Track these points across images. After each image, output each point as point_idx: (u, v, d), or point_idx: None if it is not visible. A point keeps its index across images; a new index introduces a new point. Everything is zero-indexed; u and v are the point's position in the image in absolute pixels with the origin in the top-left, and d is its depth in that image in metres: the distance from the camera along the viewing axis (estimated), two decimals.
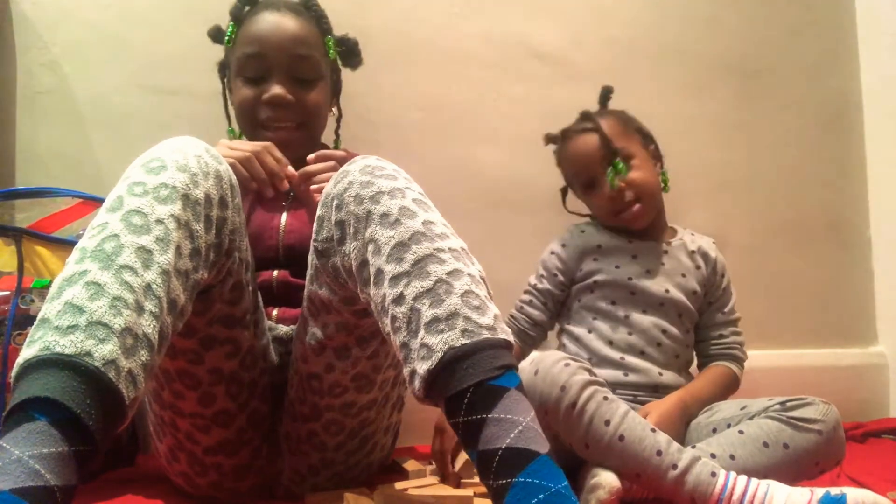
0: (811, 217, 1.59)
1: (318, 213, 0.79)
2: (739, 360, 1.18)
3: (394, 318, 0.66)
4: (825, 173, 1.61)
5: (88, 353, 0.54)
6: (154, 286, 0.62)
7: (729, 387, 1.14)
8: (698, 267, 1.19)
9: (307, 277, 0.85)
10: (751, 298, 1.55)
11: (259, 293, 0.90)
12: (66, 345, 0.54)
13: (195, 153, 0.73)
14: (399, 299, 0.65)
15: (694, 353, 1.20)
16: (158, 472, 1.00)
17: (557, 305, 1.22)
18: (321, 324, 0.83)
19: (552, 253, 1.21)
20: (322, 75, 1.14)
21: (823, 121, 1.61)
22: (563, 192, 1.30)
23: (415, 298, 0.64)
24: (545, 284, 1.21)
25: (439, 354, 0.61)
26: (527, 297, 1.22)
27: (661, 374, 1.11)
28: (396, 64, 1.46)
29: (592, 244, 1.19)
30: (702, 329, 1.19)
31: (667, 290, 1.15)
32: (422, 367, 0.62)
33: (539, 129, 1.39)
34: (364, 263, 0.71)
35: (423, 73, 1.47)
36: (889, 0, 1.60)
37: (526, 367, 0.94)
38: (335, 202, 0.75)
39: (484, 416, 0.59)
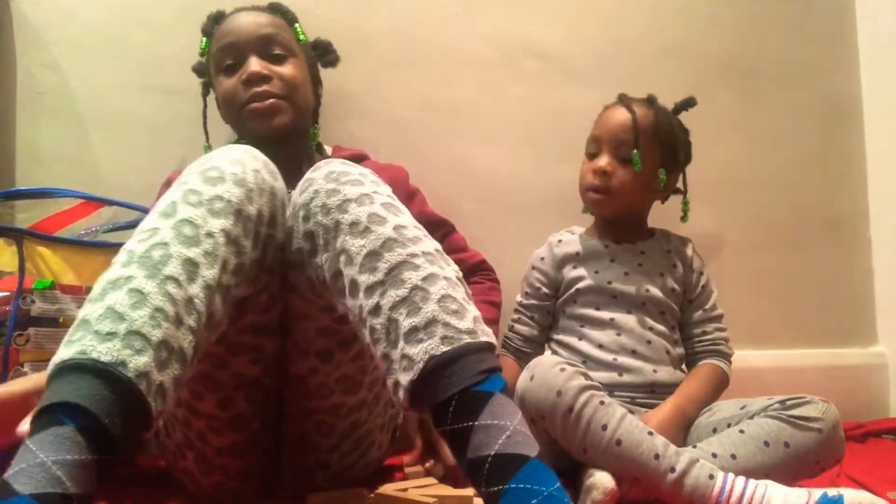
0: (811, 217, 1.59)
1: (287, 224, 0.78)
2: (726, 356, 1.18)
3: (372, 330, 0.65)
4: (825, 173, 1.61)
5: (123, 364, 0.55)
6: (196, 300, 0.62)
7: (720, 385, 1.14)
8: (674, 266, 1.21)
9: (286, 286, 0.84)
10: (751, 298, 1.55)
11: None
12: (104, 352, 0.55)
13: (253, 167, 0.73)
14: (376, 310, 0.65)
15: (682, 350, 1.20)
16: (158, 471, 1.00)
17: (546, 317, 1.23)
18: (302, 329, 0.83)
19: (533, 268, 1.24)
20: (294, 52, 1.17)
21: (823, 121, 1.61)
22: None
23: (391, 308, 0.63)
24: (531, 300, 1.23)
25: (420, 365, 0.60)
26: (515, 316, 1.24)
27: (655, 371, 1.11)
28: (396, 64, 1.46)
29: (571, 252, 1.21)
30: (685, 327, 1.20)
31: (647, 290, 1.16)
32: (404, 379, 0.61)
33: (539, 129, 1.39)
34: (338, 274, 0.70)
35: (423, 73, 1.47)
36: (889, 0, 1.60)
37: (522, 373, 0.95)
38: (301, 213, 0.74)
39: (470, 423, 0.58)
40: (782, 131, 1.59)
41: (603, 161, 1.17)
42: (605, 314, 1.15)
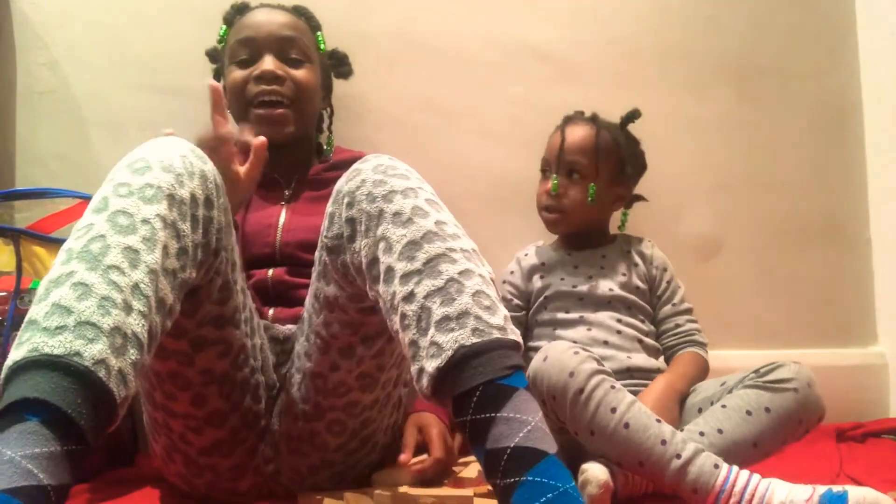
0: (811, 217, 1.59)
1: (329, 209, 0.79)
2: (702, 345, 1.21)
3: (403, 316, 0.66)
4: (825, 173, 1.61)
5: (78, 353, 0.54)
6: (142, 285, 0.61)
7: (702, 368, 1.18)
8: (636, 264, 1.26)
9: (314, 274, 0.85)
10: (751, 298, 1.55)
11: (248, 292, 0.90)
12: (55, 345, 0.54)
13: (180, 153, 0.73)
14: (409, 297, 0.66)
15: (658, 343, 1.22)
16: (158, 472, 1.00)
17: (518, 327, 1.22)
18: (326, 322, 0.83)
19: (504, 282, 1.29)
20: (311, 59, 1.18)
21: (823, 121, 1.61)
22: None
23: (426, 297, 0.64)
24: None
25: (449, 353, 0.61)
26: None
27: (629, 357, 1.14)
28: (397, 64, 1.46)
29: (536, 263, 1.27)
30: (658, 323, 1.24)
31: (611, 290, 1.21)
32: (431, 365, 0.62)
33: (539, 129, 1.39)
34: (374, 261, 0.71)
35: (424, 74, 1.47)
36: (889, 0, 1.60)
37: (536, 355, 0.97)
38: (346, 199, 0.75)
39: (493, 414, 0.59)
40: (782, 131, 1.59)
41: (549, 184, 1.23)
42: (573, 315, 1.19)
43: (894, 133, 1.58)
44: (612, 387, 0.91)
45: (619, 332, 1.17)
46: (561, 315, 1.21)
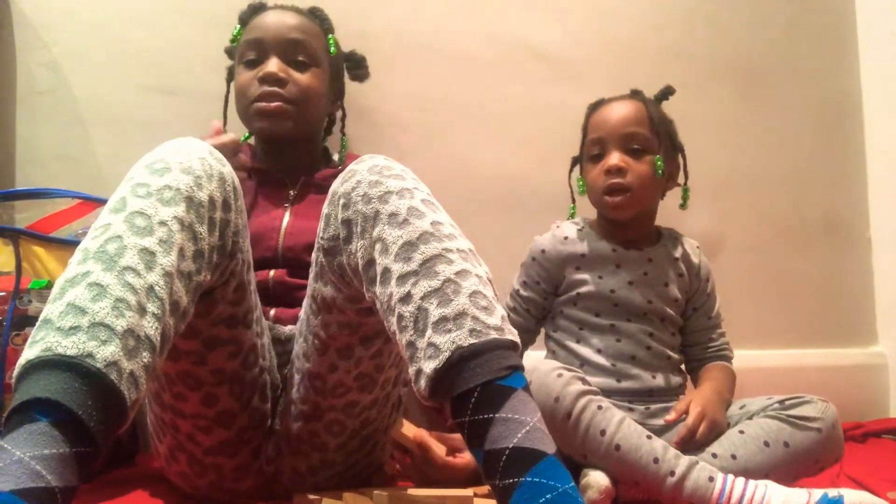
0: (811, 217, 1.59)
1: (325, 210, 0.79)
2: (730, 360, 1.19)
3: (400, 317, 0.66)
4: (825, 173, 1.61)
5: (90, 355, 0.54)
6: (157, 288, 0.61)
7: (734, 384, 1.15)
8: (681, 275, 1.17)
9: (311, 275, 0.85)
10: (751, 298, 1.55)
11: (257, 292, 0.90)
12: (69, 346, 0.54)
13: (199, 155, 0.73)
14: (406, 298, 0.65)
15: (682, 355, 1.19)
16: (158, 471, 1.00)
17: (542, 311, 1.20)
18: (324, 323, 0.83)
19: (534, 260, 1.19)
20: (318, 62, 1.17)
21: (823, 120, 1.61)
22: (574, 162, 1.26)
23: (422, 297, 0.64)
24: (528, 292, 1.19)
25: (447, 354, 0.61)
26: (511, 304, 1.21)
27: (654, 377, 1.10)
28: (396, 64, 1.46)
29: (576, 253, 1.16)
30: (690, 334, 1.19)
31: (650, 301, 1.13)
32: (428, 367, 0.62)
33: (539, 129, 1.39)
34: (371, 262, 0.70)
35: (423, 73, 1.47)
36: (889, 0, 1.60)
37: None
38: (342, 201, 0.75)
39: (491, 415, 0.59)
40: (782, 131, 1.59)
41: (615, 158, 1.11)
42: (604, 321, 1.13)
43: (894, 133, 1.59)
44: (600, 407, 0.90)
45: (648, 347, 1.11)
46: (591, 317, 1.13)
